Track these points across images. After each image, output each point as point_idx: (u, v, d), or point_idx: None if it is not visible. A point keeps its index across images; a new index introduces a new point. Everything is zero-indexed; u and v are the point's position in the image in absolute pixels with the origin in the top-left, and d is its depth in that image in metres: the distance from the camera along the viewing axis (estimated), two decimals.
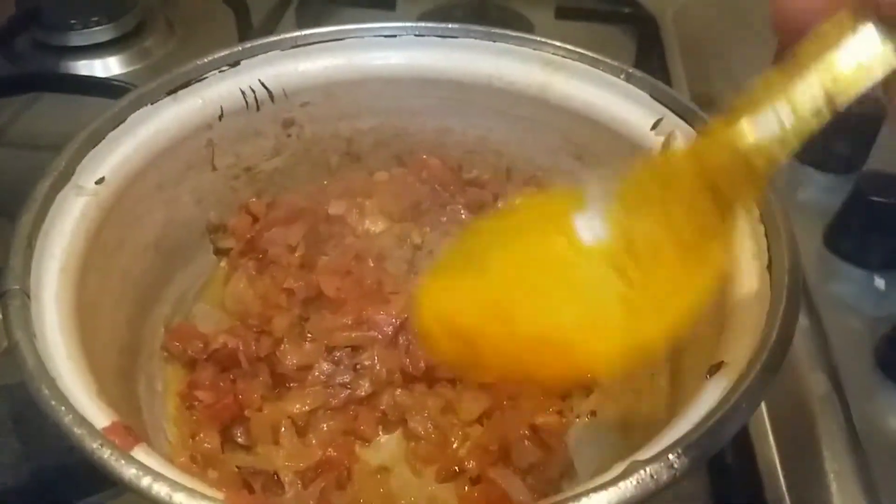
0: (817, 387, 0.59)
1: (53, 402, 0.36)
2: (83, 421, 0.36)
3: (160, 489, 0.34)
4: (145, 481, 0.34)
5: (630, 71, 0.59)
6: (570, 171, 0.65)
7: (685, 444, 0.36)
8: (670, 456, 0.35)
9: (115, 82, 0.88)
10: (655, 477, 0.34)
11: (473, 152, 0.69)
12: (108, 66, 1.00)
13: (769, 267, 0.46)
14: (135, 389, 0.53)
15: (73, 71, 0.98)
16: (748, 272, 0.47)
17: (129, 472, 0.34)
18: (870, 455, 0.54)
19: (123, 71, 0.99)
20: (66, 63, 0.99)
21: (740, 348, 0.43)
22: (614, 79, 0.60)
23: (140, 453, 0.36)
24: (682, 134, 0.56)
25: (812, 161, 0.80)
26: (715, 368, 0.42)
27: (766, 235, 0.48)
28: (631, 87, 0.59)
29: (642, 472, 0.35)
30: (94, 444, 0.35)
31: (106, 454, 0.35)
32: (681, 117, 0.56)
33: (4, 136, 0.89)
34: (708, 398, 0.40)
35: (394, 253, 0.65)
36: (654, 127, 0.57)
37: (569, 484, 0.51)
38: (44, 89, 0.90)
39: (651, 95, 0.58)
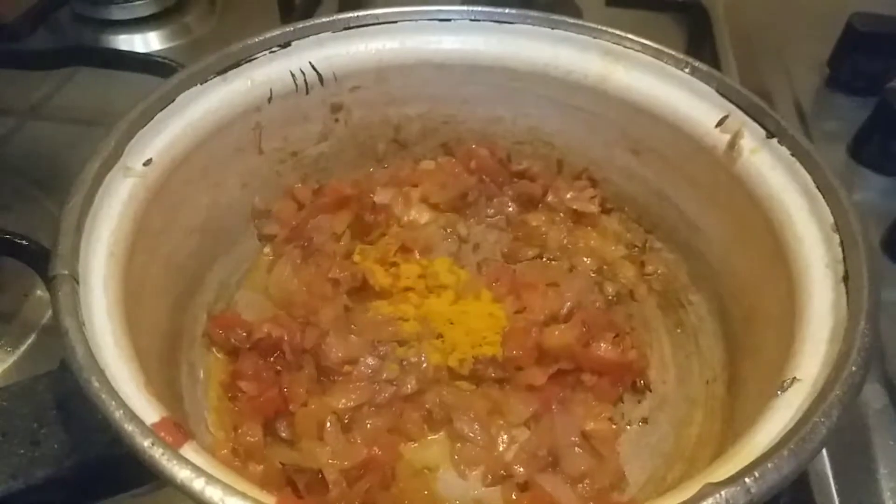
0: (874, 399, 0.57)
1: (104, 396, 0.35)
2: (133, 416, 0.35)
3: (213, 493, 0.32)
4: (198, 484, 0.33)
5: (696, 64, 0.57)
6: (625, 165, 0.63)
7: (762, 467, 0.34)
8: (747, 480, 0.33)
9: (156, 58, 0.86)
10: (731, 502, 0.33)
11: (524, 143, 0.67)
12: (147, 42, 0.99)
13: (845, 279, 0.44)
14: (177, 377, 0.52)
15: (113, 45, 0.97)
16: (820, 283, 0.45)
17: (181, 473, 0.33)
18: None
19: (163, 47, 0.98)
20: (105, 37, 0.98)
21: (814, 364, 0.41)
22: (678, 72, 0.57)
23: (189, 451, 0.35)
24: (750, 132, 0.53)
25: (870, 162, 0.77)
26: (788, 385, 0.40)
27: (842, 245, 0.45)
28: (695, 80, 0.57)
29: (717, 496, 0.33)
30: (145, 443, 0.34)
31: (158, 454, 0.33)
32: (749, 115, 0.54)
33: (44, 110, 0.89)
34: (780, 416, 0.38)
35: (439, 245, 0.63)
36: (719, 124, 0.55)
37: (620, 495, 0.49)
38: (83, 63, 0.89)
39: (717, 91, 0.56)
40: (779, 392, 0.40)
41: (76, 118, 0.87)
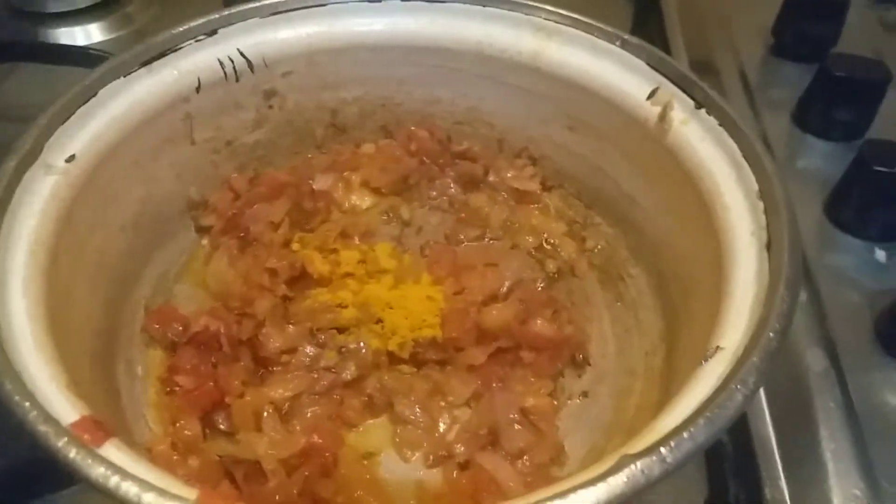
0: (815, 362, 0.58)
1: (17, 398, 0.35)
2: (48, 417, 0.35)
3: (129, 489, 0.32)
4: (113, 481, 0.32)
5: (626, 38, 0.57)
6: (563, 142, 0.63)
7: (678, 437, 0.34)
8: (662, 450, 0.34)
9: (94, 51, 0.84)
10: (646, 472, 0.33)
11: (463, 123, 0.67)
12: (88, 34, 0.96)
13: (768, 246, 0.44)
14: (114, 374, 0.51)
15: (53, 38, 0.95)
16: (745, 251, 0.45)
17: (95, 471, 0.33)
18: (867, 433, 0.53)
19: (105, 38, 0.96)
20: (44, 30, 0.96)
21: (737, 332, 0.41)
22: (610, 46, 0.57)
23: (110, 449, 0.35)
24: (680, 104, 0.53)
25: (813, 128, 0.78)
26: (711, 353, 0.40)
27: (766, 213, 0.46)
28: (627, 54, 0.57)
29: (633, 466, 0.33)
30: (58, 443, 0.33)
31: (72, 453, 0.33)
32: (678, 86, 0.54)
33: None
34: (702, 385, 0.39)
35: (381, 229, 0.63)
36: (650, 96, 0.55)
37: (559, 469, 0.50)
38: (20, 59, 0.87)
39: (647, 63, 0.56)
40: (703, 361, 0.41)
41: (16, 116, 0.84)
